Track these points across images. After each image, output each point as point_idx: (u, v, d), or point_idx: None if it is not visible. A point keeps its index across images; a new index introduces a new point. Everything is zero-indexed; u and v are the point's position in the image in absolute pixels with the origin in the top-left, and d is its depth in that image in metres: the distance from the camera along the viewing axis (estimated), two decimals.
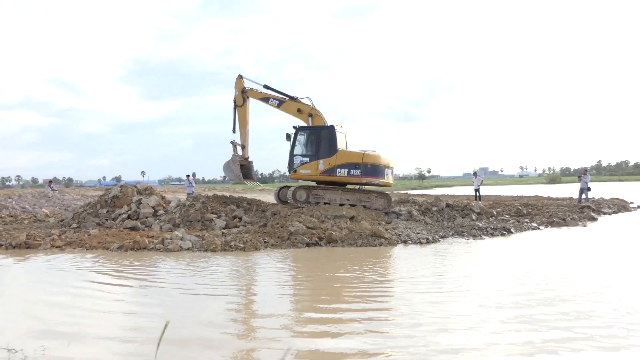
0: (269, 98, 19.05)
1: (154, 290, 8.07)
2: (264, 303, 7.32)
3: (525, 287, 7.89)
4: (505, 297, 7.27)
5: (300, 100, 18.79)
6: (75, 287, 8.26)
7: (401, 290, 7.88)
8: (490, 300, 7.08)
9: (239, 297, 7.74)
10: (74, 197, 29.19)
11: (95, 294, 7.77)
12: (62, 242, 13.34)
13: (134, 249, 12.52)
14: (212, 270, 9.92)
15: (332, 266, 10.40)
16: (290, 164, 18.21)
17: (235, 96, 19.63)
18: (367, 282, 8.57)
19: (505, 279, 8.66)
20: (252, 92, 19.34)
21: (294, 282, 9.06)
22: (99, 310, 6.82)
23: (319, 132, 18.07)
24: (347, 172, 17.50)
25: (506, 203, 24.82)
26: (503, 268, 9.80)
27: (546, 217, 19.16)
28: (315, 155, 17.90)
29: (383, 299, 7.46)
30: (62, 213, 20.02)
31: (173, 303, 7.18)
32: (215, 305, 7.04)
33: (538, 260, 10.71)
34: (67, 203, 25.70)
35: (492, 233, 15.50)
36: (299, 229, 13.81)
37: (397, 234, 14.45)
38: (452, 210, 18.50)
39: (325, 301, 7.19)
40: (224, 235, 14.03)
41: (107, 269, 10.00)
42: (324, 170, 17.71)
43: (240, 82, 19.51)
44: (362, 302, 7.12)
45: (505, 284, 8.27)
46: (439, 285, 8.18)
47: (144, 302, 7.29)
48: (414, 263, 10.55)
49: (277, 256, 11.89)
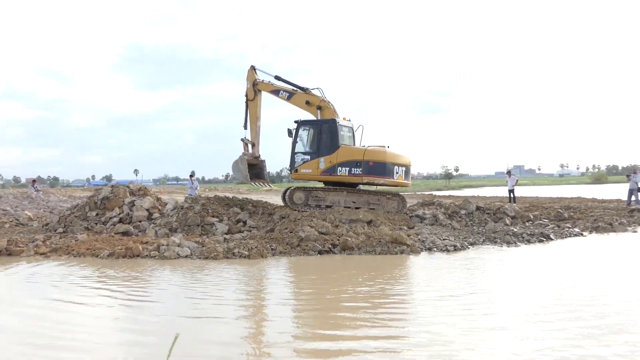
0: (279, 90, 19.15)
1: (147, 310, 7.76)
2: (264, 326, 7.07)
3: (574, 312, 7.28)
4: (552, 324, 6.70)
5: (310, 91, 18.84)
6: (54, 310, 7.76)
7: (423, 313, 7.43)
8: (532, 330, 6.45)
9: (237, 319, 7.31)
10: (60, 198, 29.48)
11: (76, 320, 7.27)
12: (46, 249, 13.47)
13: (127, 257, 12.61)
14: (211, 282, 9.92)
15: (347, 278, 10.32)
16: (291, 162, 18.22)
17: (246, 90, 19.83)
18: (384, 299, 8.38)
19: (550, 298, 8.18)
20: (264, 84, 19.50)
21: (301, 299, 8.88)
22: (79, 340, 6.30)
23: (319, 126, 18.00)
24: (348, 170, 17.30)
25: (545, 205, 24.59)
26: (545, 283, 9.49)
27: (590, 222, 18.95)
28: (316, 152, 17.87)
29: (400, 322, 7.02)
30: (47, 216, 20.22)
31: (170, 328, 6.75)
32: (216, 330, 6.72)
33: (583, 272, 10.61)
34: (53, 205, 25.96)
35: (529, 239, 15.36)
36: (310, 235, 13.80)
37: (421, 241, 14.39)
38: (483, 214, 18.36)
39: (335, 326, 6.86)
40: (226, 241, 14.06)
41: (95, 282, 9.95)
42: (324, 169, 17.64)
43: (252, 74, 19.67)
44: (376, 326, 6.76)
45: (550, 304, 7.76)
46: (468, 308, 7.64)
47: (134, 329, 6.86)
48: (439, 276, 10.42)
49: (286, 265, 11.89)
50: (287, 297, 8.96)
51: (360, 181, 17.75)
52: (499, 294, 8.77)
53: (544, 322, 6.83)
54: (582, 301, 7.96)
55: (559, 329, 6.48)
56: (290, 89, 19.15)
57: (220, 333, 6.57)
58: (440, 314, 7.36)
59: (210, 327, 6.90)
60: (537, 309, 7.55)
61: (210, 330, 6.73)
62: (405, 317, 7.47)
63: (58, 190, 43.89)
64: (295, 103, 19.00)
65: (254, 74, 19.70)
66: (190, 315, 7.46)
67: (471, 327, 6.64)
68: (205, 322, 7.12)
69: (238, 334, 6.61)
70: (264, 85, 19.53)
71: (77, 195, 32.78)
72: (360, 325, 6.83)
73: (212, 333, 6.56)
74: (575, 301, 7.98)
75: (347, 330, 6.67)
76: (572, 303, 7.83)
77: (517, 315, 7.28)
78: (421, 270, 11.30)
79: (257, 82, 19.54)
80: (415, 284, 10.07)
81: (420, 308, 7.86)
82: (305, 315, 7.77)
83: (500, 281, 9.90)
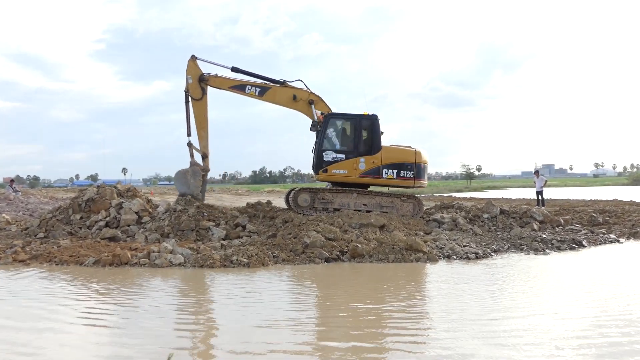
0: (245, 85, 18.25)
1: (133, 334, 7.37)
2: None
3: (611, 339, 6.89)
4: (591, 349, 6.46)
5: (289, 84, 18.40)
6: (24, 331, 7.43)
7: (440, 334, 7.19)
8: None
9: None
10: (41, 199, 29.61)
11: (49, 344, 6.93)
12: (26, 256, 13.53)
13: (114, 265, 12.65)
14: (206, 296, 9.93)
15: (355, 291, 10.28)
16: (318, 161, 17.89)
17: (187, 86, 18.25)
18: (395, 319, 8.17)
19: (589, 318, 7.97)
20: (218, 79, 18.30)
21: (303, 317, 8.53)
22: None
23: (358, 121, 17.98)
24: (397, 173, 17.64)
25: (577, 209, 24.48)
26: (580, 299, 9.33)
27: (628, 227, 18.87)
28: (353, 151, 17.84)
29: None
30: (26, 219, 20.32)
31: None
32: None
33: (622, 283, 10.58)
34: (33, 207, 26.08)
35: (559, 247, 15.32)
36: (316, 241, 13.82)
37: (439, 247, 14.38)
38: (508, 218, 18.32)
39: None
40: (223, 247, 14.10)
41: (77, 295, 9.82)
42: (365, 170, 17.72)
43: (194, 67, 18.21)
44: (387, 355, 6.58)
45: (590, 324, 7.51)
46: (492, 329, 7.38)
47: (121, 355, 6.52)
48: (459, 289, 10.29)
49: (289, 275, 11.91)
50: (283, 316, 8.80)
51: (411, 185, 18.08)
52: (526, 310, 8.54)
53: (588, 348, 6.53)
54: (627, 319, 7.74)
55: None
56: (260, 82, 18.31)
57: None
58: (457, 336, 7.05)
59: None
60: (576, 332, 7.20)
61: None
62: (418, 339, 7.28)
63: (38, 191, 44.09)
64: (272, 100, 18.30)
65: (196, 66, 18.16)
66: (179, 346, 6.88)
67: (491, 357, 6.24)
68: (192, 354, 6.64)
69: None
70: (220, 81, 18.25)
71: (59, 196, 32.91)
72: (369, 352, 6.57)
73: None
74: (619, 320, 7.68)
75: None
76: (613, 329, 7.31)
77: (549, 341, 6.81)
78: (438, 282, 11.24)
79: (206, 77, 18.13)
80: (431, 297, 9.99)
81: (436, 327, 7.70)
82: (306, 339, 7.29)
83: (527, 295, 9.77)
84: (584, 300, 9.23)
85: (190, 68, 18.15)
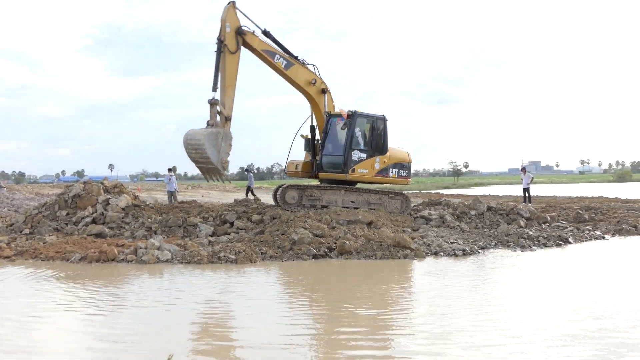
0: (275, 54, 17.19)
1: (117, 334, 7.24)
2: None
3: (596, 343, 6.68)
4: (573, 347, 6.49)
5: (306, 65, 18.12)
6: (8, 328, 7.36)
7: (423, 332, 7.23)
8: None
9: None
10: (27, 195, 29.45)
11: (34, 342, 6.90)
12: (11, 252, 13.44)
13: (100, 261, 12.59)
14: (193, 293, 9.91)
15: (342, 289, 10.34)
16: (347, 160, 17.56)
17: (223, 35, 16.23)
18: (381, 319, 8.17)
19: (577, 318, 7.87)
20: (255, 38, 16.81)
21: (290, 316, 8.57)
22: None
23: (374, 121, 18.21)
24: (397, 172, 18.32)
25: (563, 206, 24.69)
26: (567, 296, 9.39)
27: (613, 224, 19.01)
28: (371, 151, 18.03)
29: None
30: (11, 215, 20.17)
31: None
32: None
33: (607, 281, 10.69)
34: (18, 203, 25.93)
35: (545, 243, 15.43)
36: (304, 237, 13.83)
37: (426, 244, 14.44)
38: (495, 215, 18.44)
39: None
40: (211, 244, 14.07)
41: (63, 292, 9.76)
42: (379, 169, 18.04)
43: (233, 15, 16.36)
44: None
45: (579, 326, 7.38)
46: (479, 327, 7.42)
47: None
48: (446, 285, 10.45)
49: (277, 271, 11.92)
50: (269, 314, 8.81)
51: (406, 184, 19.24)
52: (511, 308, 8.67)
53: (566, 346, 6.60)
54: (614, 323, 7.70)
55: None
56: (286, 55, 17.60)
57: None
58: (443, 337, 7.02)
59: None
60: (564, 330, 7.23)
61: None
62: (401, 340, 7.31)
63: (24, 187, 43.81)
64: (294, 76, 17.58)
65: (235, 15, 16.35)
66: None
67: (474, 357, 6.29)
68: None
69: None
70: (256, 41, 16.71)
71: (45, 192, 32.74)
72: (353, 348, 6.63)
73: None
74: (605, 321, 7.68)
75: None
76: (601, 330, 7.26)
77: (533, 340, 6.86)
78: (425, 278, 11.38)
79: (245, 31, 16.48)
80: (417, 294, 10.08)
81: (421, 325, 7.80)
82: (291, 342, 6.97)
83: (513, 292, 9.93)
84: (573, 297, 9.30)
85: (229, 15, 16.29)
